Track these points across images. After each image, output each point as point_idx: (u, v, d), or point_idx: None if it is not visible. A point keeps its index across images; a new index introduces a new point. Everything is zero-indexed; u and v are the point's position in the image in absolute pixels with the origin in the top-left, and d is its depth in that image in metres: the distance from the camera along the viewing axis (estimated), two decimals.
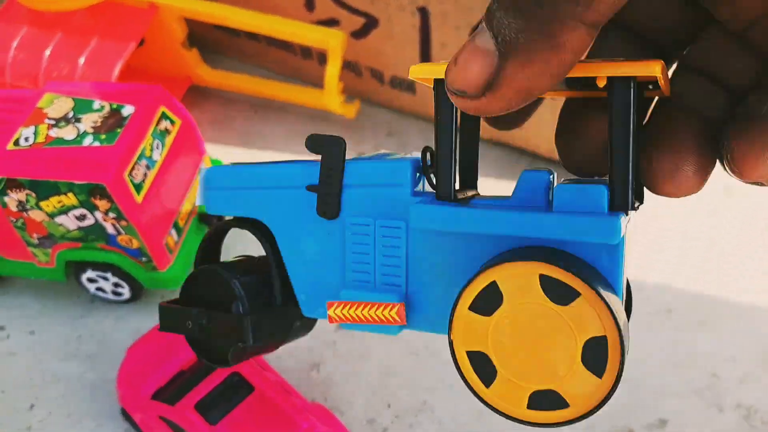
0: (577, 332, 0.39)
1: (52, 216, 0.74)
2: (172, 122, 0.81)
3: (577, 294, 0.38)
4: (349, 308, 0.46)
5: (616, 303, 0.39)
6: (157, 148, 0.78)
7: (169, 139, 0.80)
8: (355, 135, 1.03)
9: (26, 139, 0.74)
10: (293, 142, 1.02)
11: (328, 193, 0.46)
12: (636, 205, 0.42)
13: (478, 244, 0.43)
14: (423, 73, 0.40)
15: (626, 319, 0.41)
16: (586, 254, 0.40)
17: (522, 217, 0.40)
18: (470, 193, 0.46)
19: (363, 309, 0.46)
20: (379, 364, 0.78)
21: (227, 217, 0.56)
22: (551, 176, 0.43)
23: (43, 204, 0.73)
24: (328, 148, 0.45)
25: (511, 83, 0.28)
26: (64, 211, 0.74)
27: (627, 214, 0.39)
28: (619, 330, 0.38)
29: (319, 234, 0.47)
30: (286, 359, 0.79)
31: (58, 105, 0.77)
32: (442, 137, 0.42)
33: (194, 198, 0.84)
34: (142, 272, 0.80)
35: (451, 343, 0.42)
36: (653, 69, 0.38)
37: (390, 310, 0.45)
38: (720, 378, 0.75)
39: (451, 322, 0.41)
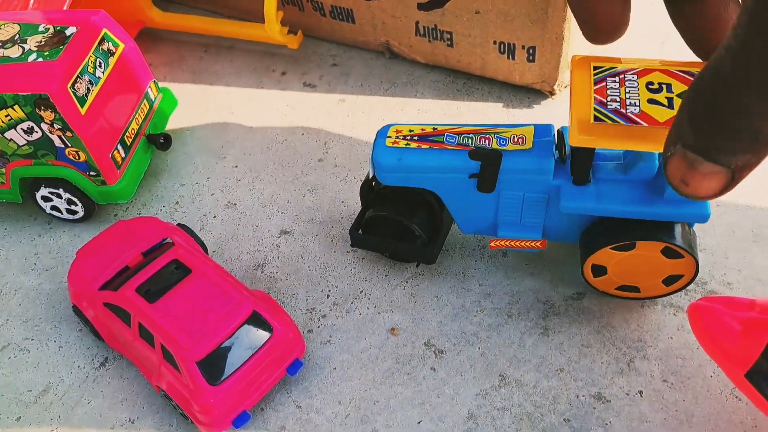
0: (672, 271, 0.69)
1: (1, 131, 0.79)
2: (116, 45, 0.86)
3: (682, 256, 0.67)
4: (509, 242, 0.72)
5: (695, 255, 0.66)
6: (100, 66, 0.83)
7: (112, 60, 0.85)
8: (302, 67, 1.07)
9: None
10: (241, 78, 1.07)
11: (487, 181, 0.67)
12: None
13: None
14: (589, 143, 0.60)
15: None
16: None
17: (644, 210, 0.64)
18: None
19: (518, 242, 0.72)
20: (318, 262, 0.82)
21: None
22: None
23: None
24: (486, 156, 0.65)
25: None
26: (12, 125, 0.78)
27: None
28: (696, 273, 0.68)
29: (478, 199, 0.69)
30: (233, 262, 0.84)
31: (4, 30, 0.82)
32: (584, 163, 0.63)
33: (141, 118, 0.89)
34: (92, 187, 0.85)
35: (583, 263, 0.71)
36: None
37: (536, 242, 0.72)
38: None
39: (592, 252, 0.69)
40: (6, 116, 0.77)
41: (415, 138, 0.68)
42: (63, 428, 0.70)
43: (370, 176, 0.72)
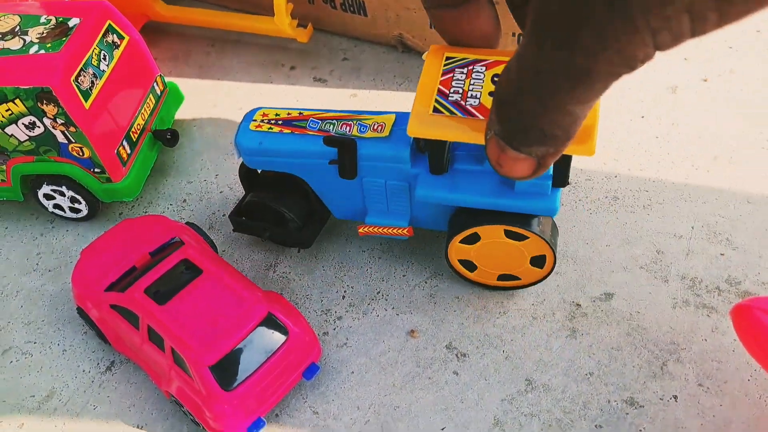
0: (529, 252, 0.68)
1: (2, 127, 0.75)
2: (120, 37, 0.82)
3: (527, 236, 0.66)
4: (375, 228, 0.72)
5: (552, 233, 0.67)
6: (105, 59, 0.79)
7: (117, 53, 0.81)
8: (312, 61, 1.04)
9: None
10: (249, 73, 1.03)
11: (346, 167, 0.67)
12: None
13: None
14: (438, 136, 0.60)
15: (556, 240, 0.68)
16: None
17: (494, 201, 0.65)
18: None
19: (385, 229, 0.72)
20: (333, 262, 0.79)
21: None
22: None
23: None
24: (341, 143, 0.65)
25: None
26: (13, 120, 0.75)
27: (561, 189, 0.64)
28: (553, 251, 0.67)
29: (342, 185, 0.70)
30: (243, 261, 0.80)
31: (4, 22, 0.79)
32: (437, 153, 0.64)
33: (147, 113, 0.86)
34: (96, 184, 0.81)
35: (447, 258, 0.72)
36: None
37: (402, 230, 0.72)
38: (665, 254, 0.77)
39: (447, 246, 0.70)
40: (6, 111, 0.74)
41: (279, 122, 0.69)
42: None
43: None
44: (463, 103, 0.57)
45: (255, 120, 0.70)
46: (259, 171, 0.76)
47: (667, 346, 0.69)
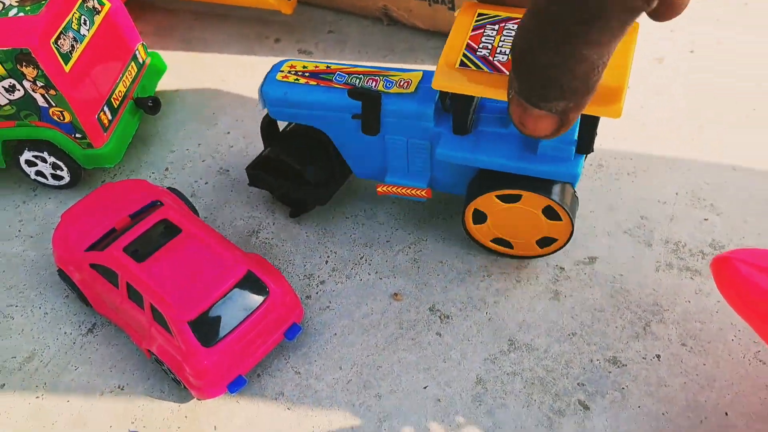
0: (548, 232, 0.69)
1: None
2: (101, 3, 0.82)
3: (561, 219, 0.67)
4: (395, 188, 0.72)
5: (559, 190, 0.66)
6: (85, 24, 0.78)
7: (98, 19, 0.81)
8: (296, 34, 1.03)
9: None
10: (233, 46, 1.03)
11: (369, 122, 0.66)
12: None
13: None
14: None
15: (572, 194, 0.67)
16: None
17: (515, 164, 0.64)
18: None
19: (404, 189, 0.71)
20: (316, 228, 0.79)
21: None
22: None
23: None
24: (366, 96, 0.64)
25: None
26: None
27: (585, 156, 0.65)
28: (569, 239, 0.68)
29: (365, 141, 0.69)
30: (226, 228, 0.80)
31: None
32: (461, 111, 0.63)
33: (128, 81, 0.85)
34: (77, 149, 0.80)
35: (464, 224, 0.72)
36: None
37: (421, 191, 0.71)
38: (649, 219, 0.77)
39: (464, 222, 0.71)
40: None
41: (306, 74, 0.69)
42: (49, 395, 0.66)
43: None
44: (491, 58, 0.56)
45: (282, 71, 0.69)
46: (280, 128, 0.76)
47: (650, 308, 0.68)
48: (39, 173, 0.83)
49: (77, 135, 0.79)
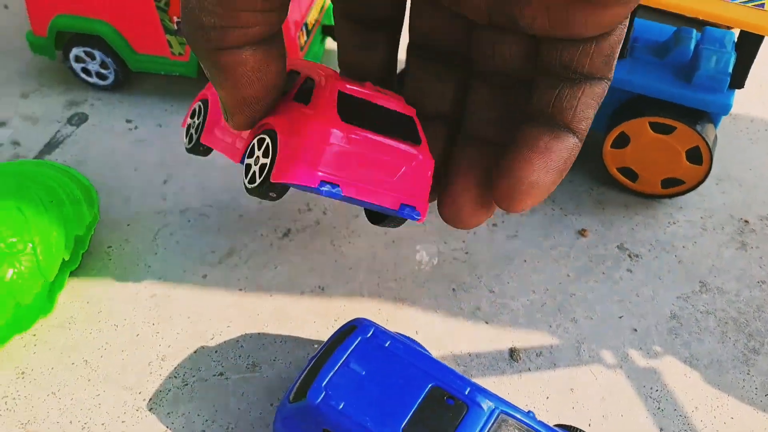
0: (681, 174, 0.71)
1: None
2: None
3: (701, 163, 0.70)
4: None
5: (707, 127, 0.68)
6: None
7: None
8: None
9: None
10: None
11: None
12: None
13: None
14: None
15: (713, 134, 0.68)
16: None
17: (670, 90, 0.68)
18: None
19: None
20: None
21: None
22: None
23: None
24: None
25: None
26: None
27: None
28: (707, 142, 0.68)
29: None
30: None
31: None
32: None
33: (318, 7, 0.87)
34: (129, 52, 0.86)
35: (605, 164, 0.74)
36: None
37: None
38: None
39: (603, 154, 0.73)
40: None
41: None
42: (251, 287, 0.68)
43: None
44: None
45: None
46: None
47: None
48: (85, 71, 0.89)
49: None
